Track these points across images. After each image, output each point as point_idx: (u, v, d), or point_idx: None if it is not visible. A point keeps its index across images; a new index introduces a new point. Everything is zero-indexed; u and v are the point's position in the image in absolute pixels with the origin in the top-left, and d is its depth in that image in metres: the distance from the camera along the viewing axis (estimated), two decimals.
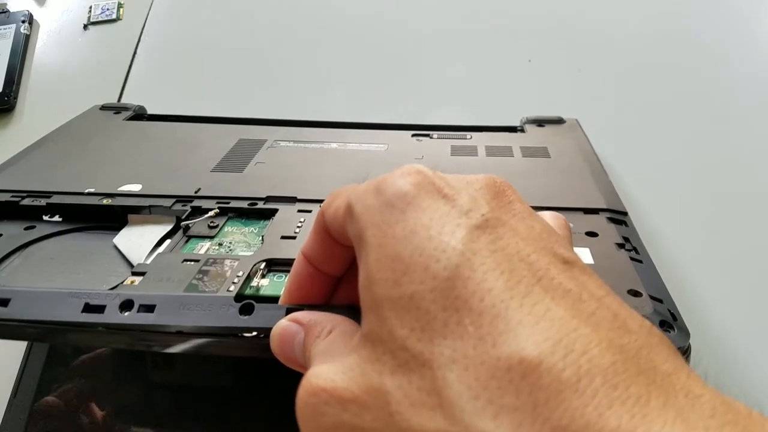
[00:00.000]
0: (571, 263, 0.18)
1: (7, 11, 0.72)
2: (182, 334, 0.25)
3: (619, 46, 0.62)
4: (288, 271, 0.29)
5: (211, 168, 0.40)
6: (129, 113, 0.52)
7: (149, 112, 0.54)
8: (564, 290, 0.16)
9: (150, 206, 0.35)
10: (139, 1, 0.73)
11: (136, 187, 0.37)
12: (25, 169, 0.41)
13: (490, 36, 0.65)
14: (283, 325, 0.22)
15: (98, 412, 0.39)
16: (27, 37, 0.70)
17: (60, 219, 0.36)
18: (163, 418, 0.38)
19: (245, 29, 0.69)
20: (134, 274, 0.29)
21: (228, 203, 0.35)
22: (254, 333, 0.25)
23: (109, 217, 0.36)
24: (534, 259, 0.17)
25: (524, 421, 0.14)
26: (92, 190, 0.37)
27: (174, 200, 0.36)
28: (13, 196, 0.37)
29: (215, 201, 0.36)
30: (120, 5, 0.73)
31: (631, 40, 0.63)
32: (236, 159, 0.42)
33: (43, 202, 0.36)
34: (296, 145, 0.45)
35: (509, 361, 0.14)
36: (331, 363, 0.18)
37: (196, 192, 0.37)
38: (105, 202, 0.36)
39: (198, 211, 0.35)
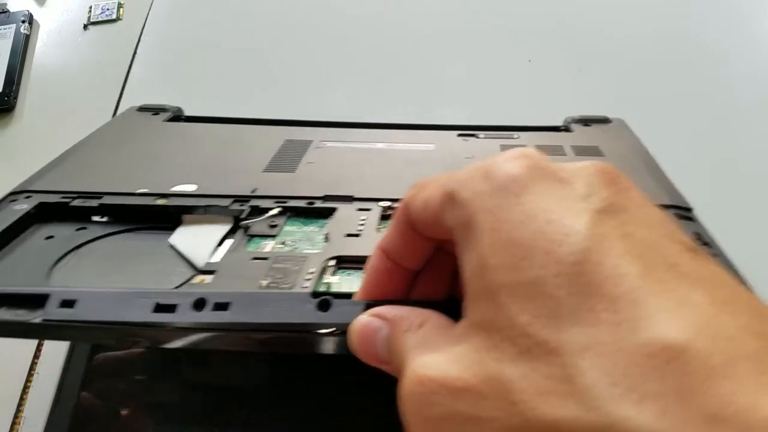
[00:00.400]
0: (695, 251, 0.17)
1: (7, 11, 0.72)
2: (259, 332, 0.24)
3: (619, 46, 0.62)
4: (357, 268, 0.29)
5: (262, 168, 0.40)
6: (168, 114, 0.52)
7: None
8: (698, 277, 0.16)
9: (207, 206, 0.34)
10: (139, 1, 0.73)
11: (190, 188, 0.36)
12: (69, 170, 0.40)
13: (490, 36, 0.64)
14: (364, 321, 0.21)
15: (136, 412, 0.38)
16: (27, 37, 0.70)
17: (110, 220, 0.35)
18: (199, 417, 0.37)
19: (245, 29, 0.69)
20: (203, 272, 0.28)
21: (285, 202, 0.35)
22: (331, 329, 0.24)
23: (163, 217, 0.35)
24: (663, 245, 0.16)
25: (669, 407, 0.13)
26: (145, 191, 0.36)
27: (231, 200, 0.35)
28: (62, 198, 0.36)
29: (273, 200, 0.35)
30: (120, 5, 0.73)
31: (631, 40, 0.62)
32: (286, 159, 0.41)
33: (94, 203, 0.35)
34: (343, 145, 0.44)
35: (651, 348, 0.14)
36: (435, 353, 0.17)
37: (252, 192, 0.36)
38: (159, 202, 0.35)
39: (256, 211, 0.34)
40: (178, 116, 0.53)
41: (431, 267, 0.23)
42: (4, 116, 0.65)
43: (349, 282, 0.28)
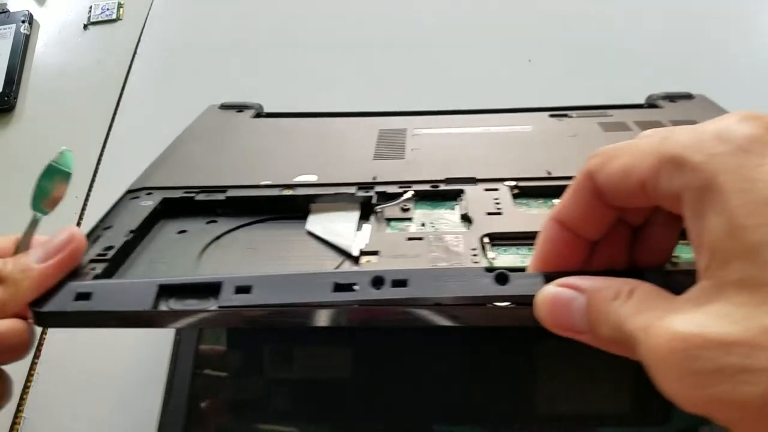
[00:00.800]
0: None
1: (7, 11, 0.72)
2: (441, 306, 0.24)
3: (620, 45, 0.62)
4: (511, 244, 0.29)
5: (372, 157, 0.40)
6: (252, 111, 0.52)
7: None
8: None
9: (335, 194, 0.35)
10: (139, 1, 0.73)
11: (312, 178, 0.37)
12: (179, 167, 0.41)
13: (490, 35, 0.65)
14: (553, 292, 0.22)
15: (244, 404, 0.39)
16: (27, 37, 0.70)
17: (235, 212, 0.36)
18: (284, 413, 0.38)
19: (245, 29, 0.70)
20: (365, 254, 0.29)
21: (410, 187, 0.35)
22: (507, 303, 0.25)
23: (289, 207, 0.35)
24: None
25: None
26: (269, 182, 0.37)
27: (356, 187, 0.35)
28: (186, 192, 0.37)
29: (396, 186, 0.35)
30: (120, 5, 0.73)
31: (632, 38, 0.63)
32: (390, 147, 0.42)
33: (221, 196, 0.36)
34: (440, 131, 0.45)
35: None
36: (685, 314, 0.17)
37: (374, 179, 0.36)
38: (285, 192, 0.36)
39: (383, 196, 0.35)
40: (259, 112, 0.54)
41: (609, 237, 0.24)
42: (4, 116, 0.65)
43: (508, 257, 0.28)
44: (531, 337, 0.36)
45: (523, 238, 0.29)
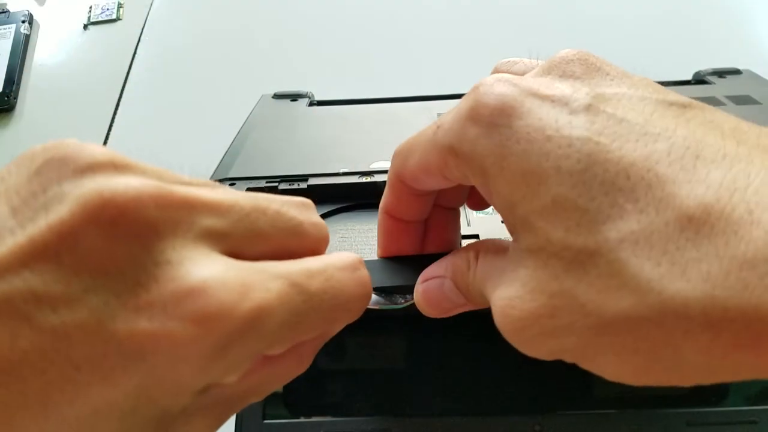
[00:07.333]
0: (687, 105, 0.18)
1: (7, 11, 0.73)
2: None
3: (620, 43, 0.63)
4: None
5: None
6: (306, 100, 0.53)
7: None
8: (697, 138, 0.16)
9: None
10: (139, 1, 0.74)
11: (386, 164, 0.38)
12: (252, 157, 0.42)
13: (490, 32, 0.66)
14: (422, 288, 0.23)
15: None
16: (27, 37, 0.71)
17: (315, 200, 0.37)
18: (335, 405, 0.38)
19: (245, 29, 0.70)
20: (465, 237, 0.30)
21: None
22: None
23: (369, 194, 0.37)
24: (655, 117, 0.17)
25: (711, 268, 0.14)
26: (346, 170, 0.38)
27: None
28: (268, 182, 0.38)
29: None
30: (120, 5, 0.74)
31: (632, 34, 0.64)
32: None
33: (303, 185, 0.37)
34: None
35: (679, 223, 0.15)
36: (506, 285, 0.19)
37: None
38: (365, 180, 0.37)
39: None
40: (311, 101, 0.55)
41: (434, 222, 0.25)
42: (4, 116, 0.66)
43: None
44: None
45: None
